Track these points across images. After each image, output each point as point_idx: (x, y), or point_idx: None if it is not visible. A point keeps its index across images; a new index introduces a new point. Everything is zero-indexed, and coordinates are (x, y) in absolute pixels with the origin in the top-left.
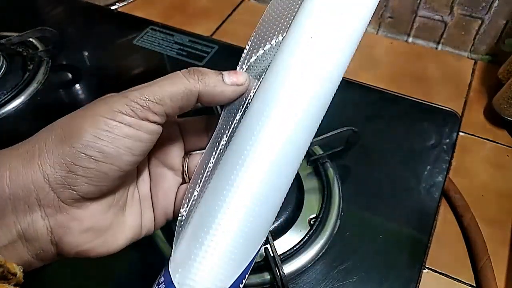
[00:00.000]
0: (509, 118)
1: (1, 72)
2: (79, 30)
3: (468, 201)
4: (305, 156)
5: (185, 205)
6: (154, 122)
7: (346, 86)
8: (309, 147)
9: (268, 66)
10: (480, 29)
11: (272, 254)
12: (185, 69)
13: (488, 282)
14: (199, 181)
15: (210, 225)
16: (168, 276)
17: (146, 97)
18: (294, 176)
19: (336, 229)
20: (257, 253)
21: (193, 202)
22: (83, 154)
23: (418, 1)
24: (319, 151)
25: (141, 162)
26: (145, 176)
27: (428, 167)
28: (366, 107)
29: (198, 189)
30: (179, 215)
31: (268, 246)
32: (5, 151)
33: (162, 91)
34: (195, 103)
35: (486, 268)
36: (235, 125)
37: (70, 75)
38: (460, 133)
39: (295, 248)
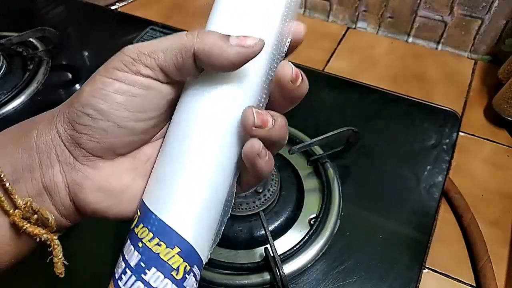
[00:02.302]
0: (509, 118)
1: (1, 72)
2: (79, 30)
3: (468, 201)
4: (305, 156)
5: None
6: (148, 77)
7: (346, 86)
8: (309, 147)
9: None
10: (480, 29)
11: (272, 254)
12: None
13: (488, 282)
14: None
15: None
16: (146, 208)
17: (139, 50)
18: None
19: (336, 229)
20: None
21: None
22: (80, 113)
23: (418, 1)
24: (319, 151)
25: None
26: None
27: (428, 167)
28: (366, 107)
29: None
30: None
31: (268, 246)
32: (40, 115)
33: (156, 44)
34: (194, 65)
35: (486, 268)
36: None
37: (70, 75)
38: (460, 133)
39: (295, 248)
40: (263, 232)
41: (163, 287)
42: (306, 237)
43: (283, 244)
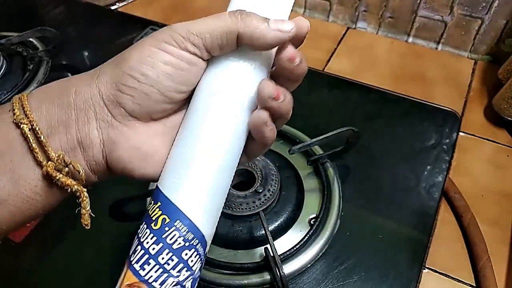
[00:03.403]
0: (509, 118)
1: (1, 72)
2: (79, 30)
3: (468, 201)
4: (305, 156)
5: None
6: (194, 54)
7: (346, 86)
8: (309, 147)
9: None
10: (480, 29)
11: (272, 254)
12: (234, 10)
13: (488, 282)
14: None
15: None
16: (160, 192)
17: (188, 29)
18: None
19: (336, 229)
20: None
21: None
22: (128, 75)
23: (418, 1)
24: (319, 151)
25: None
26: None
27: (428, 167)
28: (366, 107)
29: None
30: None
31: (268, 246)
32: (75, 76)
33: (203, 25)
34: (237, 44)
35: (486, 268)
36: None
37: (70, 75)
38: (460, 133)
39: (295, 248)
40: (263, 232)
41: (178, 271)
42: (306, 237)
43: (283, 244)
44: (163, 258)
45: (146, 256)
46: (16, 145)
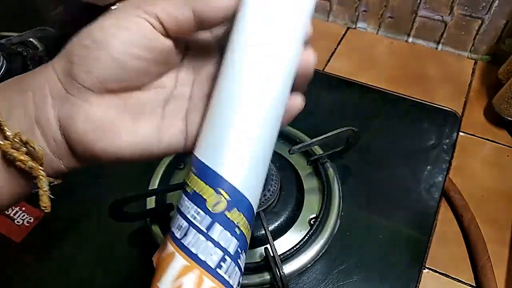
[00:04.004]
0: (509, 118)
1: (1, 72)
2: (79, 30)
3: (468, 201)
4: (305, 156)
5: None
6: (145, 20)
7: (346, 86)
8: (309, 147)
9: None
10: (480, 29)
11: (272, 254)
12: None
13: (488, 282)
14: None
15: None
16: (198, 161)
17: (143, 0)
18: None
19: (336, 229)
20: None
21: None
22: (77, 44)
23: (418, 1)
24: (319, 151)
25: (177, 89)
26: (181, 100)
27: (428, 167)
28: (366, 107)
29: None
30: None
31: (268, 246)
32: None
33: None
34: (194, 20)
35: (486, 268)
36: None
37: None
38: (460, 133)
39: (295, 248)
40: (263, 232)
41: (229, 244)
42: (306, 237)
43: (283, 244)
44: (206, 227)
45: (186, 224)
46: None
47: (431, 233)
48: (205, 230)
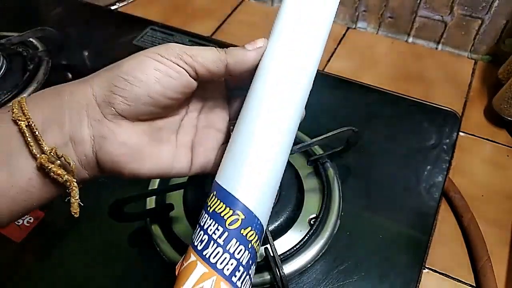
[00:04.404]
0: (509, 118)
1: (1, 72)
2: (79, 30)
3: (468, 201)
4: (305, 156)
5: None
6: (184, 70)
7: (346, 86)
8: (309, 147)
9: None
10: (480, 29)
11: (272, 254)
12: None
13: (488, 282)
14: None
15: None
16: (219, 186)
17: (184, 50)
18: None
19: (336, 229)
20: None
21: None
22: (121, 78)
23: (418, 1)
24: (319, 151)
25: (187, 116)
26: (189, 128)
27: (428, 167)
28: (366, 107)
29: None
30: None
31: (268, 246)
32: (72, 81)
33: (198, 50)
34: (224, 72)
35: (486, 268)
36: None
37: (70, 75)
38: (460, 133)
39: (295, 248)
40: None
41: (243, 256)
42: (306, 237)
43: (283, 244)
44: (224, 240)
45: (207, 238)
46: (13, 140)
47: (431, 233)
48: (222, 243)
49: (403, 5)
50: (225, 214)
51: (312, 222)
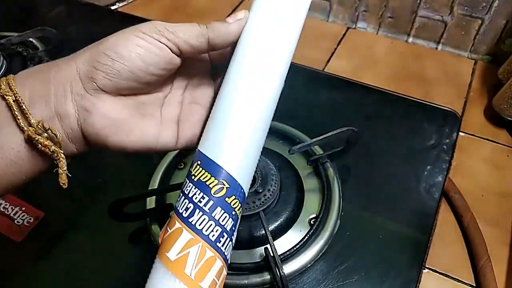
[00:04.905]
0: (509, 118)
1: (1, 72)
2: (79, 30)
3: (468, 201)
4: (305, 156)
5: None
6: (166, 46)
7: (346, 86)
8: (309, 147)
9: None
10: (480, 29)
11: (272, 254)
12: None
13: (488, 282)
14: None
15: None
16: (203, 155)
17: (166, 27)
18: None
19: (336, 229)
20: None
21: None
22: (104, 54)
23: (418, 1)
24: (319, 151)
25: (171, 93)
26: (174, 105)
27: (428, 167)
28: (366, 107)
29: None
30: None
31: (268, 246)
32: (58, 59)
33: (180, 27)
34: (207, 47)
35: (486, 268)
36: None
37: None
38: (460, 133)
39: (295, 248)
40: (263, 232)
41: (227, 223)
42: (306, 237)
43: (283, 244)
44: (209, 208)
45: (192, 206)
46: (1, 114)
47: (431, 233)
48: (208, 211)
49: (403, 5)
50: (210, 183)
51: (312, 222)
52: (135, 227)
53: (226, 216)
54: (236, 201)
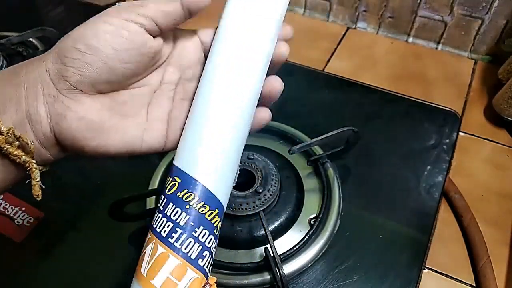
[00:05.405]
0: (509, 118)
1: None
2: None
3: (468, 201)
4: (305, 156)
5: None
6: (137, 23)
7: (346, 86)
8: (309, 147)
9: None
10: (480, 29)
11: (272, 254)
12: None
13: (488, 282)
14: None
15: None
16: (178, 169)
17: (132, 2)
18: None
19: (336, 229)
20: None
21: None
22: (71, 47)
23: (418, 1)
24: (319, 151)
25: (161, 88)
26: (164, 101)
27: (428, 167)
28: (366, 107)
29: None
30: None
31: (268, 246)
32: (29, 59)
33: (149, 0)
34: (183, 12)
35: (486, 268)
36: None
37: None
38: (460, 133)
39: (295, 248)
40: (263, 232)
41: (208, 241)
42: (306, 237)
43: (283, 244)
44: (183, 222)
45: (169, 223)
46: None
47: (431, 233)
48: (183, 225)
49: (403, 5)
50: (183, 195)
51: (312, 222)
52: (135, 227)
53: (206, 233)
54: (213, 212)
